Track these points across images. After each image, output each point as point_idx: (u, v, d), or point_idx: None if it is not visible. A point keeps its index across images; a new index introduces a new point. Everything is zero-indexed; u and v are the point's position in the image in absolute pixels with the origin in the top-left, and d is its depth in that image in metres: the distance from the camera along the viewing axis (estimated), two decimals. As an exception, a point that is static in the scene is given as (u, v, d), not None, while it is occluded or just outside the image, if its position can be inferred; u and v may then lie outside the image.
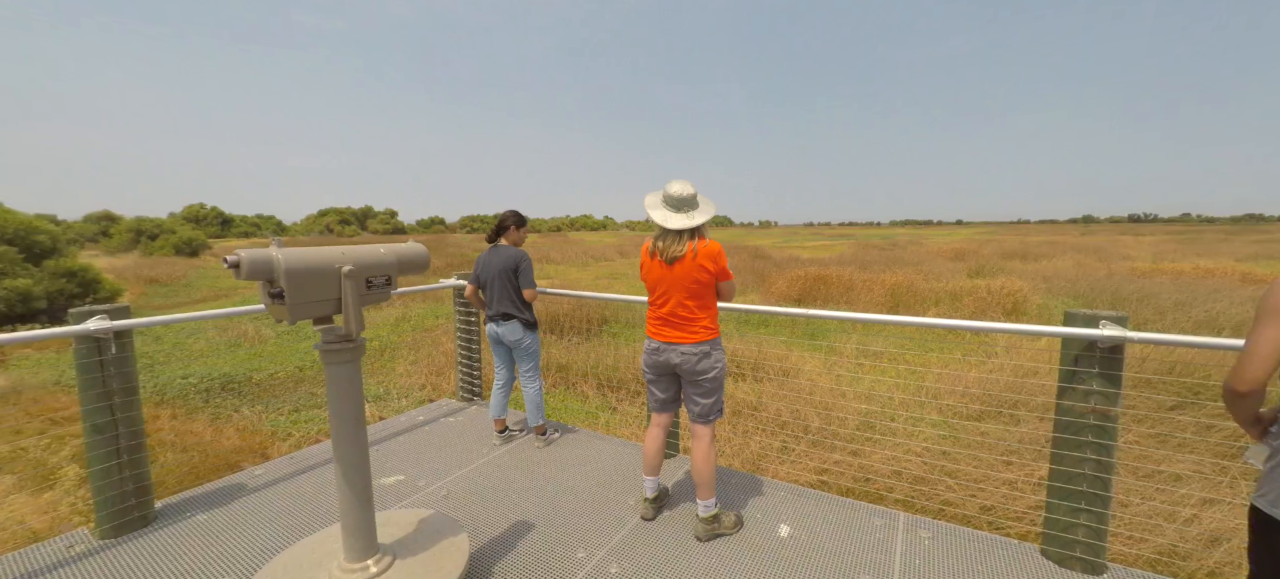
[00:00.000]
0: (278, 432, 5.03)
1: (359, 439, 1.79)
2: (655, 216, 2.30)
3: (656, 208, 2.31)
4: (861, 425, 4.90)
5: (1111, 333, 1.98)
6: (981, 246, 27.63)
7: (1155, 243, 33.22)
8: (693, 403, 2.43)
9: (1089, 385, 2.06)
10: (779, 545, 2.38)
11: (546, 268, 22.46)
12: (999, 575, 2.17)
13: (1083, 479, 2.11)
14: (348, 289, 1.69)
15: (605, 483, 2.95)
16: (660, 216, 2.29)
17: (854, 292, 12.12)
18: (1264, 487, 1.36)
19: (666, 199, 2.30)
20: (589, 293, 3.95)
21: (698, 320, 2.34)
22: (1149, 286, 12.10)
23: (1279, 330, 1.28)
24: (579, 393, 6.08)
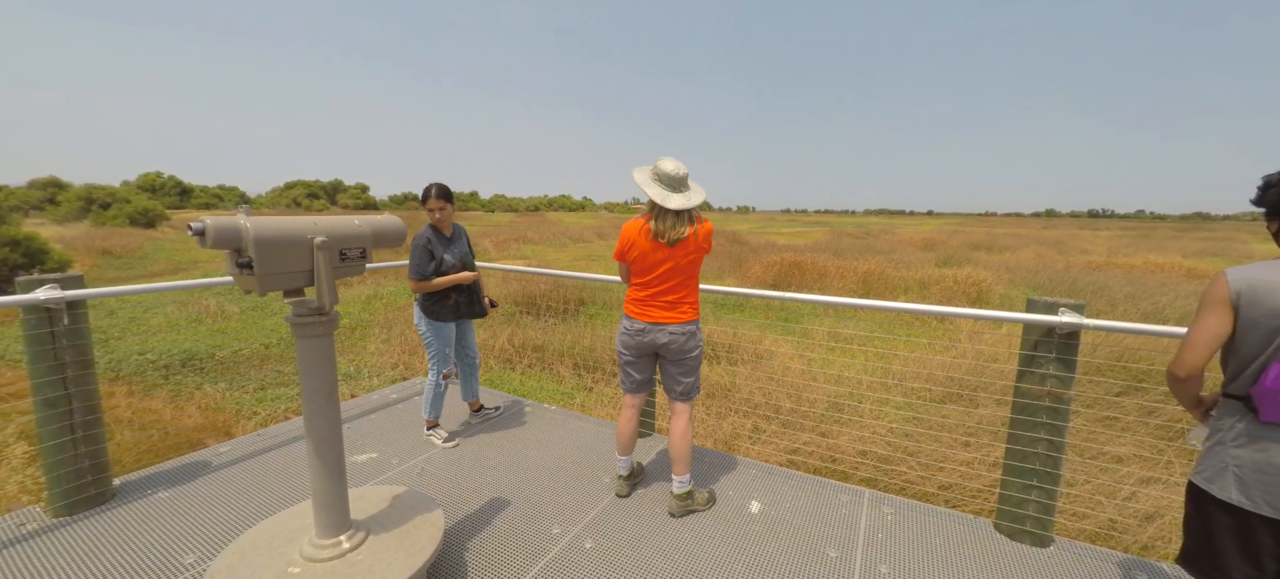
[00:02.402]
0: (243, 410, 4.88)
1: (331, 413, 1.76)
2: (653, 194, 2.20)
3: (652, 185, 2.22)
4: (831, 407, 5.03)
5: (1069, 320, 2.08)
6: (950, 237, 28.42)
7: (1111, 238, 34.70)
8: (676, 382, 2.45)
9: (1046, 369, 2.17)
10: (750, 521, 2.45)
11: (523, 248, 22.17)
12: (955, 548, 2.29)
13: (1036, 458, 2.23)
14: (321, 261, 1.65)
15: (580, 461, 2.97)
16: (659, 195, 2.19)
17: (828, 278, 12.35)
18: (1201, 464, 1.46)
19: (663, 178, 2.21)
20: (540, 268, 3.93)
21: (687, 300, 2.37)
22: (1103, 279, 12.68)
23: (1216, 321, 1.37)
24: (555, 374, 6.07)
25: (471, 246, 3.24)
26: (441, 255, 2.97)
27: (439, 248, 2.97)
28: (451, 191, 3.01)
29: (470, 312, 3.16)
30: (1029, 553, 2.26)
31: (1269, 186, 1.37)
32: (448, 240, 3.04)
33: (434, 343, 3.07)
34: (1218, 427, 1.43)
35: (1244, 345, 1.34)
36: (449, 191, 2.99)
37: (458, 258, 3.04)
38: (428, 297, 3.02)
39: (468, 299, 3.14)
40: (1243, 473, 1.36)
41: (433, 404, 3.16)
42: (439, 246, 2.98)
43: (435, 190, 2.94)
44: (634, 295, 2.37)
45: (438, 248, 2.97)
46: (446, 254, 2.99)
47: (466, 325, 3.30)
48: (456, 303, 3.07)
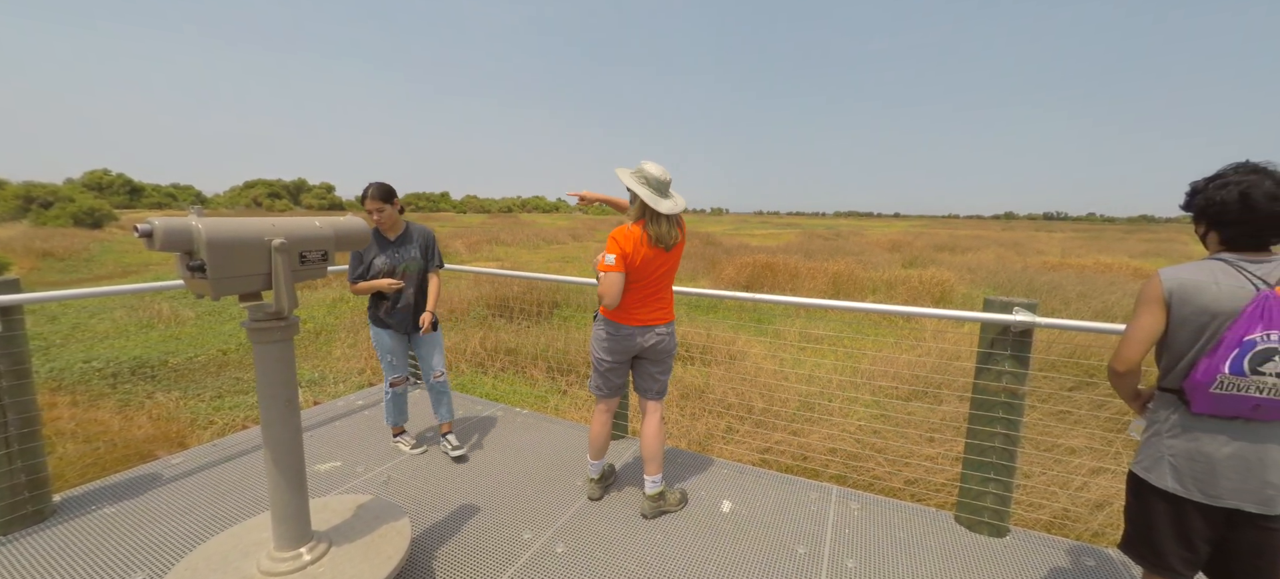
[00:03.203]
0: (198, 419, 4.67)
1: (291, 421, 1.70)
2: (646, 197, 2.17)
3: (643, 188, 2.19)
4: (802, 406, 5.11)
5: (1023, 318, 2.17)
6: (916, 239, 29.31)
7: (1064, 239, 36.35)
8: (654, 381, 2.46)
9: (1002, 366, 2.26)
10: (721, 520, 2.47)
11: (496, 250, 21.86)
12: (917, 540, 2.36)
13: (993, 452, 2.33)
14: (279, 263, 1.59)
15: (553, 465, 2.95)
16: (651, 199, 2.17)
17: (799, 279, 12.58)
18: (1140, 454, 1.55)
19: (651, 182, 2.20)
20: (512, 271, 3.89)
21: (670, 299, 2.43)
22: (1057, 278, 13.27)
23: (1150, 319, 1.45)
24: (528, 377, 6.01)
25: (431, 253, 2.97)
26: (371, 258, 2.82)
27: (372, 250, 2.83)
28: (393, 191, 2.81)
29: (400, 323, 2.90)
30: (987, 543, 2.35)
31: (1195, 193, 1.46)
32: (390, 243, 2.86)
33: (377, 349, 2.99)
34: (1154, 418, 1.52)
35: (1176, 341, 1.43)
36: (389, 191, 2.78)
37: (391, 262, 2.83)
38: (369, 303, 2.94)
39: (397, 309, 2.88)
40: (1177, 462, 1.45)
41: (390, 411, 3.07)
42: (372, 249, 2.83)
43: (372, 190, 2.74)
44: (627, 301, 2.30)
45: (369, 250, 2.82)
46: (378, 257, 2.82)
47: (423, 340, 2.99)
48: (388, 310, 2.88)
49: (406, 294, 2.87)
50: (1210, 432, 1.41)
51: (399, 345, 2.98)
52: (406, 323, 2.92)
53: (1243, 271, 1.35)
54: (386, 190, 2.77)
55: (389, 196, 2.78)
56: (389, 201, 2.78)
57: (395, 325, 2.91)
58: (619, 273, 2.18)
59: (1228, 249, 1.41)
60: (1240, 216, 1.35)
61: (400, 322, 2.90)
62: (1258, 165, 1.37)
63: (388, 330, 2.93)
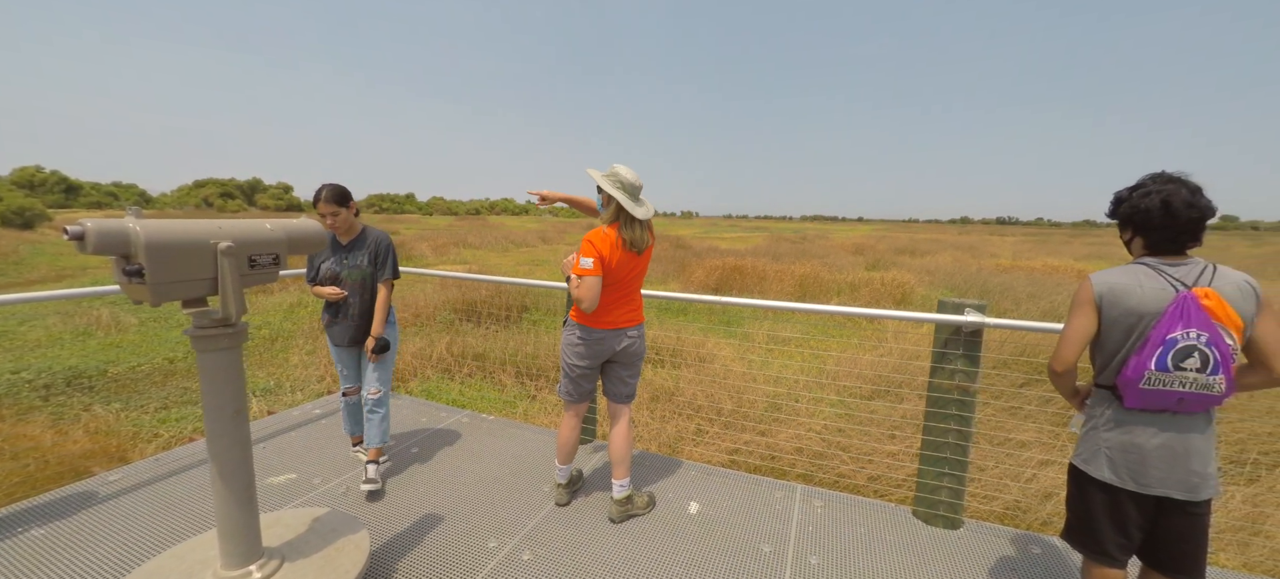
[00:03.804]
0: (141, 432, 4.41)
1: (239, 433, 1.63)
2: (623, 202, 2.18)
3: (619, 192, 2.19)
4: (770, 407, 5.19)
5: (973, 319, 2.27)
6: (878, 242, 30.21)
7: (1015, 243, 38.16)
8: (623, 385, 2.46)
9: (955, 365, 2.36)
10: (688, 521, 2.49)
11: (464, 252, 21.45)
12: (877, 534, 2.43)
13: (947, 447, 2.42)
14: (226, 267, 1.52)
15: (520, 471, 2.91)
16: (628, 204, 2.19)
17: (767, 281, 12.79)
18: (1079, 447, 1.64)
19: (627, 186, 2.21)
20: (480, 274, 3.84)
21: (640, 302, 2.44)
22: (1009, 280, 13.91)
23: (1084, 320, 1.54)
24: (496, 382, 5.91)
25: (383, 261, 2.75)
26: (320, 263, 2.69)
27: (323, 255, 2.68)
28: (348, 194, 2.65)
29: (340, 335, 2.73)
30: (942, 535, 2.44)
31: (1120, 202, 1.56)
32: (340, 248, 2.70)
33: (333, 356, 2.88)
34: (1092, 414, 1.61)
35: (1108, 341, 1.52)
36: (344, 194, 2.62)
37: (335, 269, 2.67)
38: (322, 308, 2.82)
39: (339, 320, 2.72)
40: (1112, 454, 1.54)
41: (347, 420, 2.98)
42: (324, 253, 2.69)
43: (326, 193, 2.57)
44: (600, 304, 2.29)
45: (321, 254, 2.69)
46: (326, 263, 2.68)
47: (364, 354, 2.79)
48: (329, 321, 2.76)
49: (350, 304, 2.69)
50: (1141, 425, 1.50)
51: (349, 356, 2.84)
52: (348, 335, 2.73)
53: (1163, 274, 1.45)
54: (340, 193, 2.62)
55: (344, 200, 2.62)
56: (344, 205, 2.62)
57: (336, 337, 2.75)
58: (597, 277, 2.17)
59: (1150, 253, 1.52)
60: (1162, 222, 1.46)
61: (340, 333, 2.73)
62: (1173, 176, 1.48)
63: (334, 343, 2.80)
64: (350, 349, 2.82)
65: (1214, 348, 1.36)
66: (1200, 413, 1.45)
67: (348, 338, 2.74)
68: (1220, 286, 1.40)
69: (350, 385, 2.90)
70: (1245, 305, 1.39)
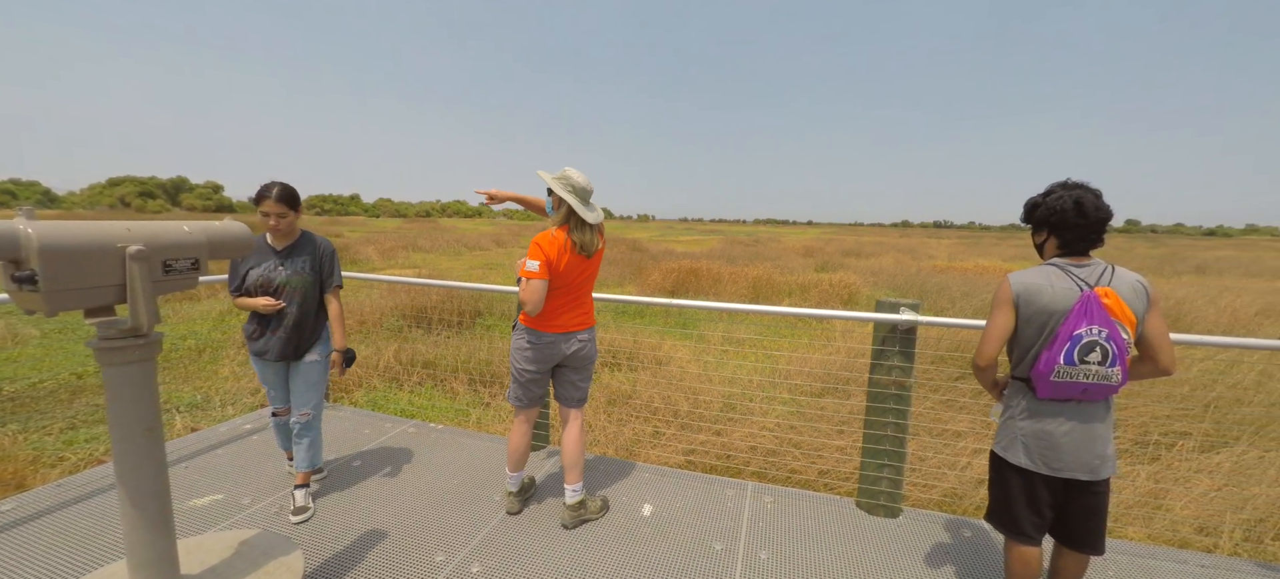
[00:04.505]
0: (43, 456, 3.99)
1: (152, 452, 1.50)
2: (575, 205, 2.16)
3: (571, 196, 2.17)
4: (725, 407, 5.27)
5: (908, 317, 2.40)
6: (826, 245, 31.40)
7: (950, 245, 40.60)
8: (575, 389, 2.45)
9: (892, 361, 2.48)
10: (642, 523, 2.50)
11: (413, 256, 20.69)
12: (822, 526, 2.52)
13: (886, 440, 2.54)
14: (136, 273, 1.40)
15: (469, 481, 2.83)
16: (580, 208, 2.17)
17: (722, 284, 13.03)
18: (999, 436, 1.76)
19: (578, 190, 2.19)
20: (430, 279, 3.74)
21: (591, 305, 2.43)
22: (945, 280, 14.76)
23: (1003, 318, 1.66)
24: (448, 389, 5.73)
25: (328, 270, 2.57)
26: (246, 270, 2.41)
27: (250, 260, 2.41)
28: (298, 196, 2.46)
29: (267, 349, 2.46)
30: (883, 524, 2.55)
31: (1035, 206, 1.69)
32: (274, 253, 2.45)
33: (258, 375, 2.60)
34: (1009, 404, 1.74)
35: (1023, 337, 1.65)
36: (294, 196, 2.42)
37: (267, 277, 2.41)
38: (246, 319, 2.52)
39: (269, 333, 2.45)
40: (1027, 441, 1.66)
41: (279, 437, 2.76)
42: (252, 259, 2.41)
43: (277, 192, 2.36)
44: (548, 308, 2.27)
45: (251, 259, 2.41)
46: (254, 270, 2.40)
47: (295, 370, 2.52)
48: (255, 333, 2.47)
49: (287, 315, 2.44)
50: (1052, 414, 1.63)
51: (276, 375, 2.55)
52: (279, 349, 2.46)
53: (1071, 275, 1.59)
54: (291, 194, 2.40)
55: (294, 202, 2.42)
56: (293, 208, 2.42)
57: (268, 352, 2.46)
58: (543, 280, 2.15)
59: (1062, 253, 1.65)
60: (1076, 221, 1.59)
61: (271, 348, 2.45)
62: (1076, 183, 1.62)
63: (261, 358, 2.50)
64: (279, 365, 2.53)
65: (1112, 342, 1.50)
66: (1101, 401, 1.59)
67: (278, 352, 2.46)
68: (1117, 286, 1.54)
69: (282, 405, 2.64)
70: (1138, 303, 1.54)
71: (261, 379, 2.58)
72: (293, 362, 2.52)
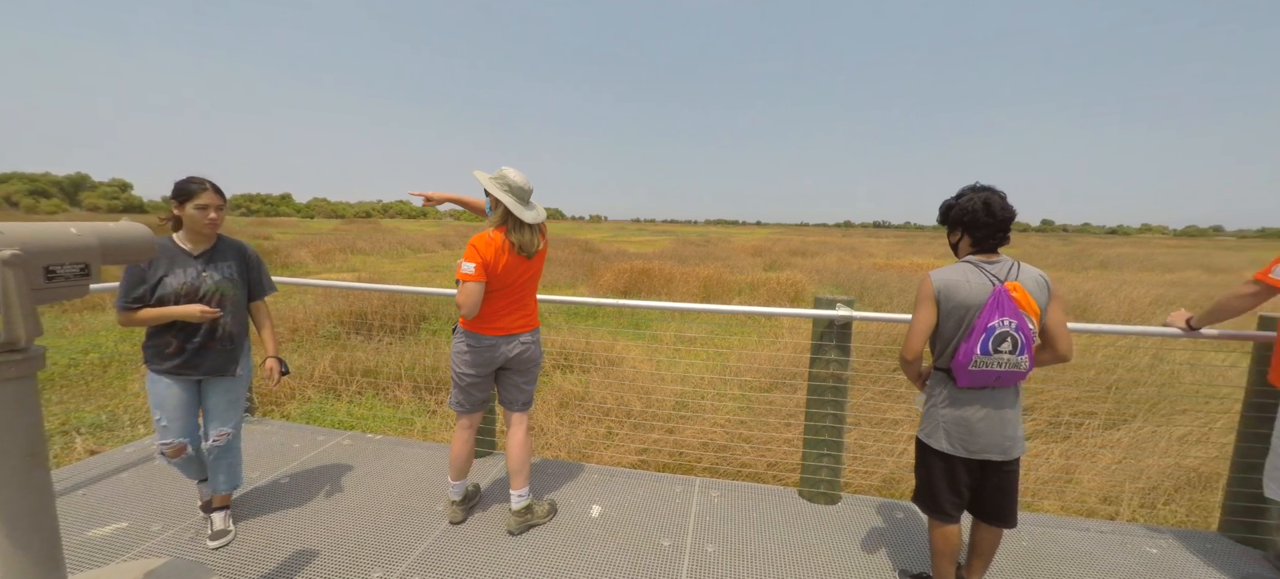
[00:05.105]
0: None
1: (35, 479, 1.34)
2: (511, 206, 2.11)
3: (506, 195, 2.12)
4: (677, 405, 5.33)
5: (843, 313, 2.51)
6: (774, 244, 32.37)
7: (888, 244, 42.79)
8: (519, 392, 2.40)
9: (830, 355, 2.58)
10: (590, 525, 2.48)
11: (352, 259, 19.70)
12: (766, 516, 2.60)
13: (825, 430, 2.64)
14: (9, 281, 1.25)
15: (410, 492, 2.72)
16: (516, 208, 2.12)
17: (674, 283, 13.18)
18: (923, 423, 1.87)
19: (515, 190, 2.14)
20: (371, 284, 3.59)
21: (534, 307, 2.38)
22: (884, 278, 15.57)
23: (926, 313, 1.77)
24: (391, 398, 5.49)
25: (258, 274, 2.40)
26: (159, 276, 2.11)
27: (160, 266, 2.12)
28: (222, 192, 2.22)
29: (205, 364, 2.22)
30: (823, 511, 2.66)
31: (950, 208, 1.81)
32: (192, 258, 2.18)
33: (153, 403, 2.19)
34: (932, 394, 1.85)
35: (944, 330, 1.76)
36: (220, 191, 2.20)
37: (192, 284, 2.15)
38: (147, 336, 2.18)
39: (200, 347, 2.19)
40: (948, 427, 1.78)
41: (190, 469, 2.33)
42: (161, 265, 2.12)
43: (211, 184, 2.14)
44: (488, 310, 2.22)
45: (156, 266, 2.11)
46: (171, 276, 2.12)
47: (214, 387, 2.28)
48: (179, 349, 2.17)
49: (221, 326, 2.22)
50: (970, 402, 1.75)
51: (187, 398, 2.22)
52: (213, 365, 2.23)
53: (984, 271, 1.71)
54: (218, 189, 2.19)
55: (224, 197, 2.21)
56: (225, 202, 2.20)
57: (196, 368, 2.19)
58: (478, 282, 2.10)
59: (975, 251, 1.77)
60: (985, 221, 1.71)
61: (197, 362, 2.19)
62: (984, 186, 1.76)
63: (176, 378, 2.18)
64: (190, 386, 2.23)
65: (1021, 332, 1.62)
66: (1011, 388, 1.73)
67: (212, 367, 2.22)
68: (1023, 280, 1.68)
69: (180, 440, 2.22)
70: (1041, 295, 1.68)
71: (159, 404, 2.19)
72: (214, 378, 2.27)
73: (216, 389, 2.29)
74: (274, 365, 2.39)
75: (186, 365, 2.19)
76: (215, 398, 2.29)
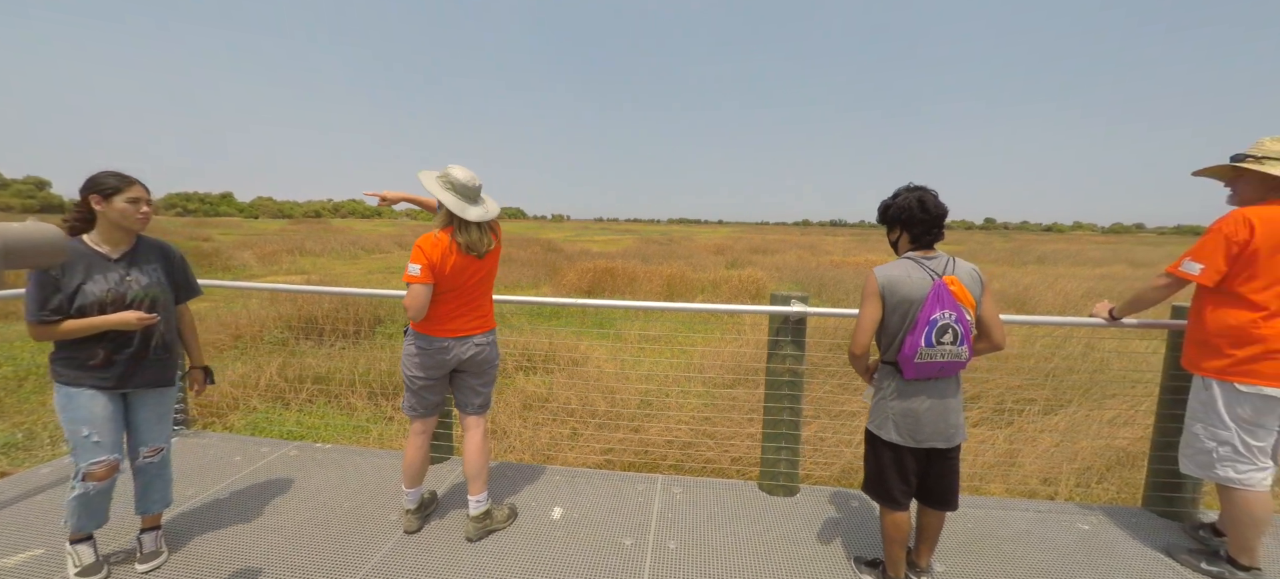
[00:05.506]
0: None
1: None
2: (449, 203, 2.05)
3: (446, 193, 2.07)
4: (642, 404, 5.33)
5: (797, 309, 2.57)
6: (736, 243, 32.90)
7: (845, 242, 44.16)
8: (475, 395, 2.35)
9: (785, 350, 2.64)
10: (552, 527, 2.45)
11: (301, 261, 18.81)
12: (727, 509, 2.64)
13: (783, 424, 2.70)
14: (-112, 289, 1.12)
15: (363, 502, 2.62)
16: (456, 205, 2.06)
17: (637, 282, 13.20)
18: (872, 415, 1.94)
19: (458, 187, 2.09)
20: (321, 286, 3.44)
21: (489, 308, 2.33)
22: (840, 274, 16.06)
23: (872, 309, 1.83)
24: (344, 405, 5.27)
25: (184, 277, 2.21)
26: (78, 283, 1.89)
27: (77, 272, 1.90)
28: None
29: (140, 376, 2.04)
30: (782, 502, 2.72)
31: (888, 207, 1.88)
32: (111, 262, 1.97)
33: (71, 420, 1.93)
34: (880, 386, 1.92)
35: (889, 324, 1.82)
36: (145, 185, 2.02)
37: (117, 290, 1.95)
38: (60, 348, 1.95)
39: (132, 356, 2.01)
40: (897, 419, 1.84)
41: (79, 512, 2.01)
42: (78, 270, 1.90)
43: (135, 178, 1.96)
44: (439, 312, 2.17)
45: (73, 271, 1.89)
46: (90, 282, 1.91)
47: (144, 400, 2.09)
48: (106, 360, 1.96)
49: (155, 333, 2.05)
50: (917, 393, 1.82)
51: (115, 411, 2.01)
52: (150, 377, 2.06)
53: (923, 266, 1.78)
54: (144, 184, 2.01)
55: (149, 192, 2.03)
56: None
57: (127, 381, 2.00)
58: (424, 284, 2.06)
59: (913, 247, 1.85)
60: (923, 217, 1.79)
61: (130, 375, 2.00)
62: (918, 185, 1.84)
63: (102, 392, 1.96)
64: (118, 399, 2.02)
65: (960, 324, 1.70)
66: (952, 378, 1.81)
67: (152, 379, 2.06)
68: (959, 274, 1.76)
69: (115, 454, 2.00)
70: (975, 288, 1.77)
71: (86, 419, 1.93)
72: (145, 390, 2.09)
73: (147, 402, 2.10)
74: (200, 375, 2.27)
75: (116, 378, 1.99)
76: (145, 411, 2.10)
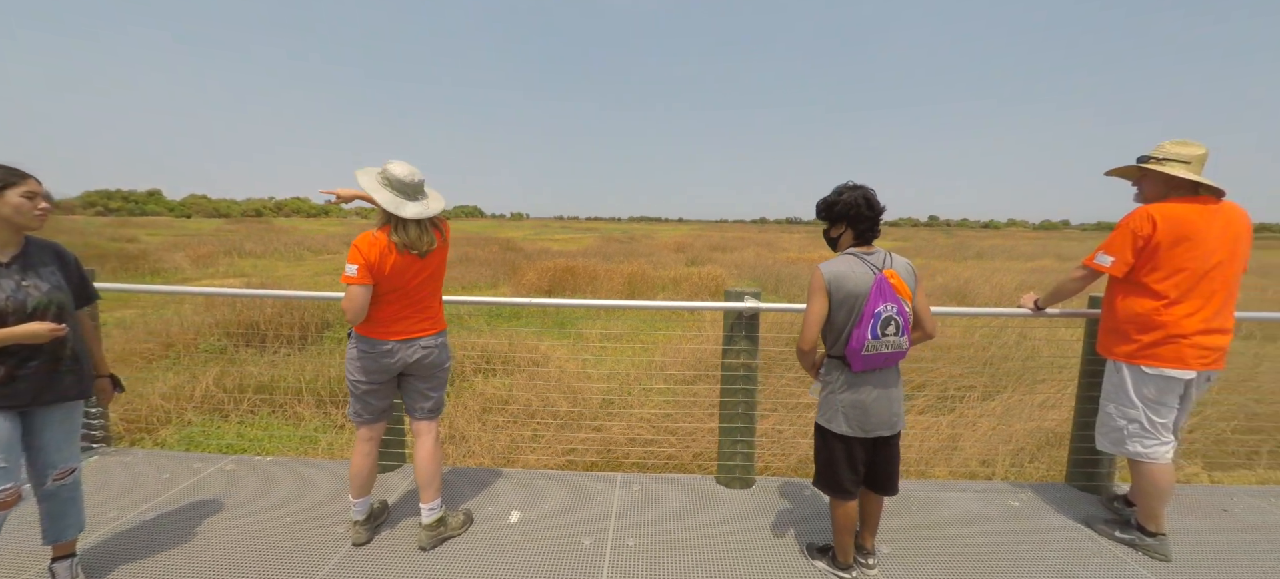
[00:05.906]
0: None
1: None
2: (382, 201, 1.98)
3: (381, 191, 2.00)
4: (604, 403, 5.31)
5: (750, 305, 2.63)
6: (696, 240, 33.27)
7: (800, 239, 45.39)
8: (424, 399, 2.27)
9: (740, 345, 2.70)
10: (509, 531, 2.41)
11: (240, 263, 17.74)
12: (684, 504, 2.67)
13: (738, 417, 2.76)
14: None
15: (307, 516, 2.50)
16: (390, 202, 1.99)
17: (598, 281, 13.15)
18: (821, 409, 2.00)
19: (394, 184, 2.01)
20: (263, 290, 3.27)
21: (437, 309, 2.25)
22: (796, 270, 16.52)
23: (819, 304, 1.89)
24: (291, 414, 5.00)
25: (83, 280, 2.05)
26: None
27: None
28: None
29: (49, 391, 1.87)
30: (739, 495, 2.77)
31: (831, 205, 1.94)
32: (4, 266, 1.80)
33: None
34: (827, 380, 1.98)
35: (836, 319, 1.89)
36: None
37: (16, 297, 1.79)
38: None
39: (43, 371, 1.84)
40: (846, 411, 1.91)
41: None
42: None
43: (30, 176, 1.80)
44: (382, 314, 2.10)
45: None
46: None
47: (50, 417, 1.91)
48: (11, 376, 1.79)
49: (66, 343, 1.88)
50: (864, 384, 1.89)
51: (14, 431, 1.82)
52: (62, 390, 1.89)
53: (864, 261, 1.86)
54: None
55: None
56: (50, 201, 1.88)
57: (34, 397, 1.83)
58: (362, 285, 1.99)
59: (856, 244, 1.92)
60: (868, 214, 1.86)
61: (37, 390, 1.83)
62: (857, 184, 1.92)
63: (2, 413, 1.79)
64: (15, 418, 1.82)
65: (900, 315, 1.79)
66: (894, 367, 1.90)
67: (71, 391, 1.90)
68: (897, 268, 1.85)
69: (22, 480, 1.85)
70: (911, 281, 1.87)
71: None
72: (52, 407, 1.90)
73: (53, 419, 1.91)
74: (107, 384, 2.10)
75: (17, 394, 1.80)
76: (53, 429, 1.91)
